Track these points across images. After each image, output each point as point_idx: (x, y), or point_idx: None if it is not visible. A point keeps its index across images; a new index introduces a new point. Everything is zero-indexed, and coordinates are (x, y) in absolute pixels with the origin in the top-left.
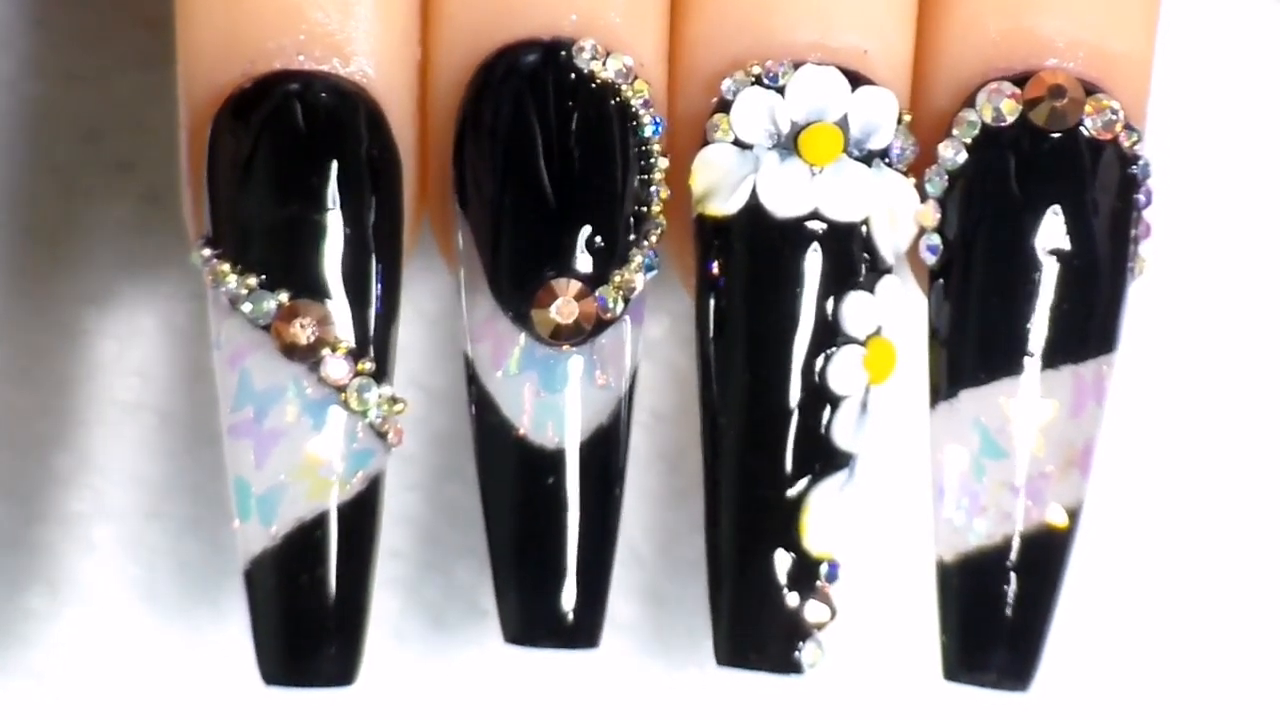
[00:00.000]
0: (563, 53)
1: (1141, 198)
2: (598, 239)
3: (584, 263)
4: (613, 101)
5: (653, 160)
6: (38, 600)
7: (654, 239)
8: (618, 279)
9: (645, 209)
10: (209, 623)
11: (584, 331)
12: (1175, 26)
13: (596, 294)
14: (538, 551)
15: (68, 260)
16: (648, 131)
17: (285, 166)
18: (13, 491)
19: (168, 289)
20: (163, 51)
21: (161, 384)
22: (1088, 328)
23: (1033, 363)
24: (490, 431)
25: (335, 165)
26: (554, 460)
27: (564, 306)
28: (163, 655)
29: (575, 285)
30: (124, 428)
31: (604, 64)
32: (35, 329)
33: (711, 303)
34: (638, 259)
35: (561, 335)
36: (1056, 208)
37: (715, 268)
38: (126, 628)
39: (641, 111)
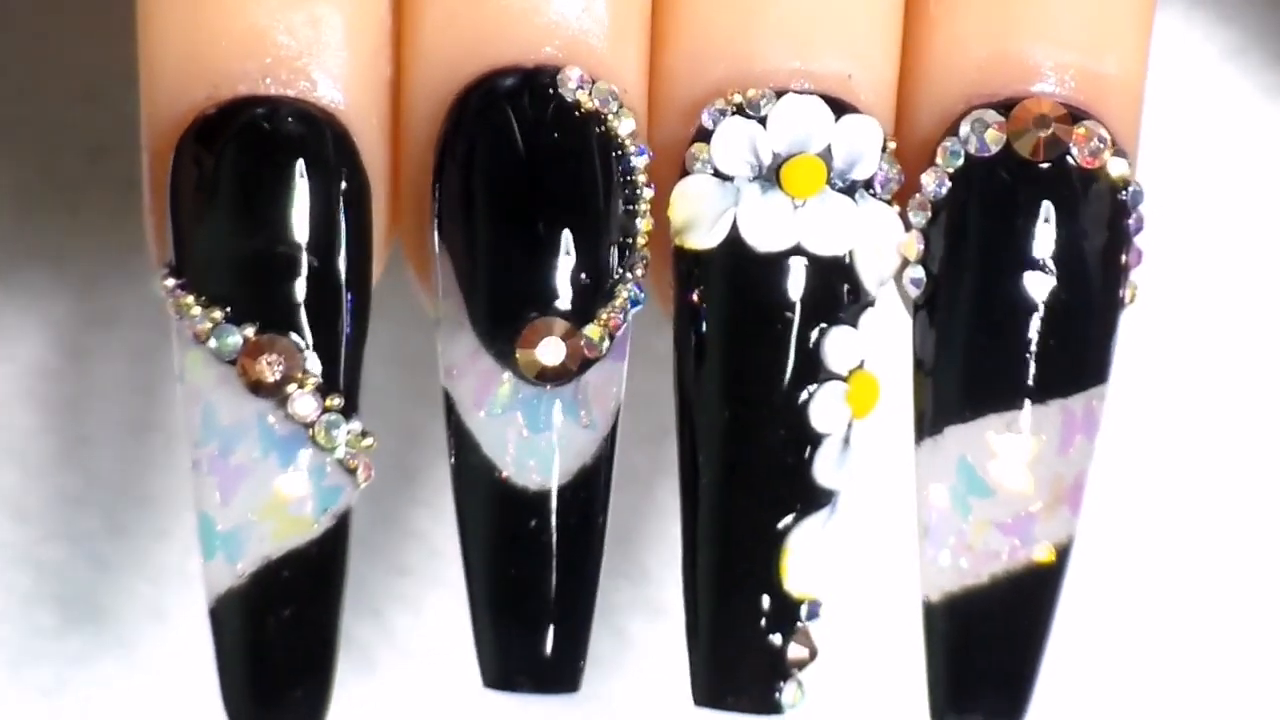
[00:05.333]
0: (545, 80)
1: (1132, 224)
2: (583, 275)
3: (569, 300)
4: (597, 130)
5: (638, 191)
6: (47, 618)
7: (639, 272)
8: (604, 316)
9: (630, 241)
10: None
11: (570, 372)
12: (1170, 46)
13: (582, 333)
14: (518, 595)
15: (73, 279)
16: (633, 161)
17: (251, 196)
18: (21, 510)
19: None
20: None
21: (169, 403)
22: (1076, 360)
23: (1019, 398)
24: (471, 471)
25: (303, 194)
26: (536, 502)
27: (550, 347)
28: (172, 673)
29: (561, 325)
30: (132, 447)
31: (589, 93)
32: (41, 348)
33: (691, 336)
34: (623, 295)
35: (547, 377)
36: (1042, 239)
37: (695, 300)
38: (136, 645)
39: (627, 141)
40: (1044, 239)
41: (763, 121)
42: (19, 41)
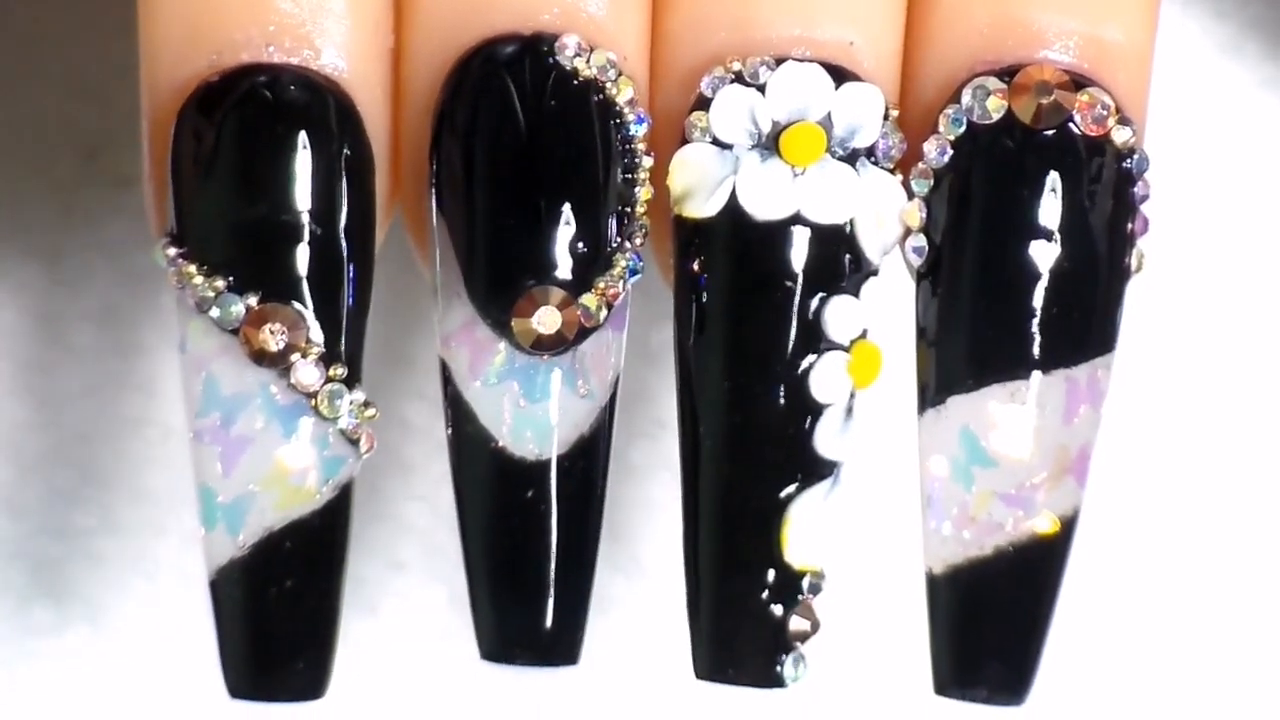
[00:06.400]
0: (544, 47)
1: (1137, 192)
2: (580, 244)
3: (566, 269)
4: (596, 98)
5: (637, 159)
6: (43, 614)
7: (638, 241)
8: (601, 285)
9: (629, 209)
10: (214, 636)
11: (566, 341)
12: (1166, 41)
13: (579, 302)
14: (515, 566)
15: (68, 276)
16: (632, 130)
17: (254, 164)
18: (17, 506)
19: (169, 304)
20: None
21: (164, 398)
22: (1081, 329)
23: (1022, 368)
24: (468, 441)
25: (306, 163)
26: (534, 472)
27: (546, 316)
28: (168, 669)
29: (558, 294)
30: (128, 442)
31: (587, 60)
32: (36, 345)
33: (691, 305)
34: (621, 264)
35: (543, 346)
36: (1045, 206)
37: (695, 269)
38: (132, 641)
39: (625, 109)
40: (1046, 206)
41: (762, 89)
42: (13, 40)
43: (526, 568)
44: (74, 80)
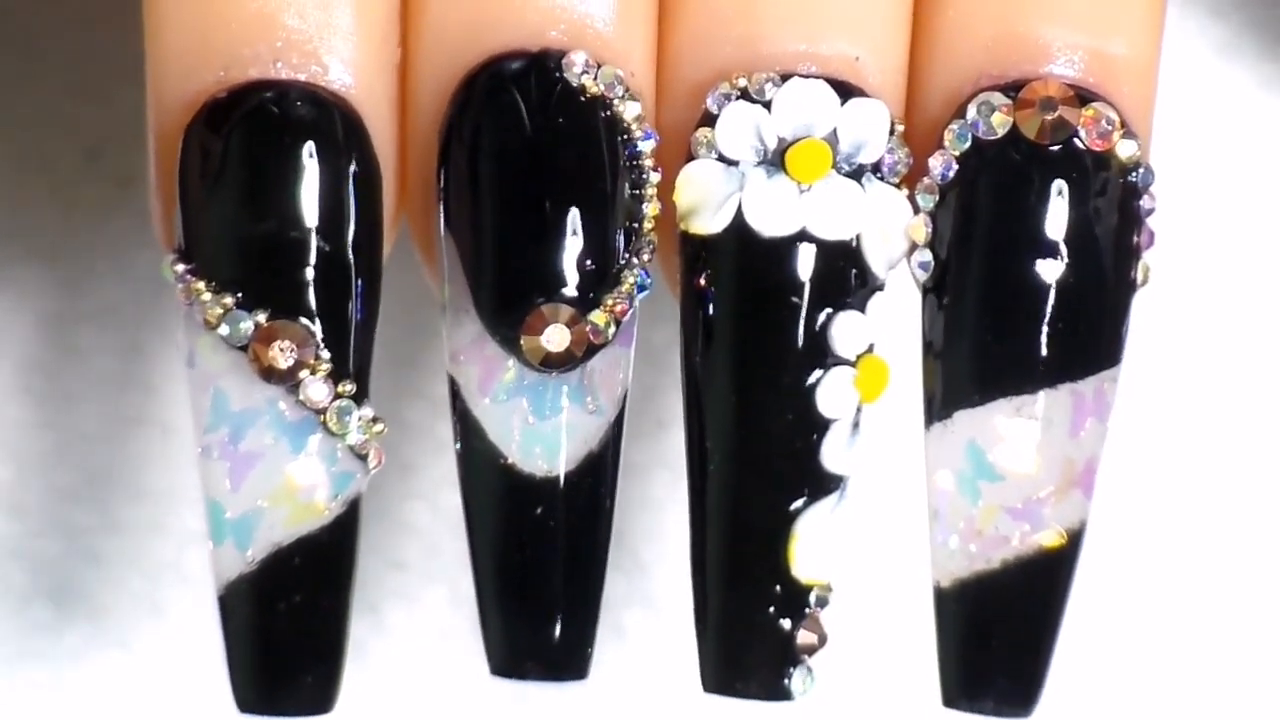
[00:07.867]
0: (551, 64)
1: (1143, 205)
2: (589, 261)
3: (574, 286)
4: (603, 114)
5: (644, 175)
6: (43, 614)
7: (646, 257)
8: (610, 302)
9: (637, 225)
10: (214, 636)
11: (575, 359)
12: (1184, 27)
13: (588, 319)
14: (525, 582)
15: (68, 276)
16: (639, 145)
17: (261, 180)
18: (17, 506)
19: (169, 304)
20: None
21: (165, 398)
22: (1086, 343)
23: (1028, 382)
24: (477, 458)
25: (314, 178)
26: (543, 489)
27: (555, 334)
28: (168, 668)
29: (566, 311)
30: (128, 442)
31: (594, 77)
32: (36, 345)
33: (698, 320)
34: (630, 280)
35: (552, 363)
36: (1050, 221)
37: (701, 285)
38: (132, 641)
39: (632, 124)
40: (1051, 221)
41: (767, 105)
42: (13, 40)
43: (536, 584)
44: (74, 80)
